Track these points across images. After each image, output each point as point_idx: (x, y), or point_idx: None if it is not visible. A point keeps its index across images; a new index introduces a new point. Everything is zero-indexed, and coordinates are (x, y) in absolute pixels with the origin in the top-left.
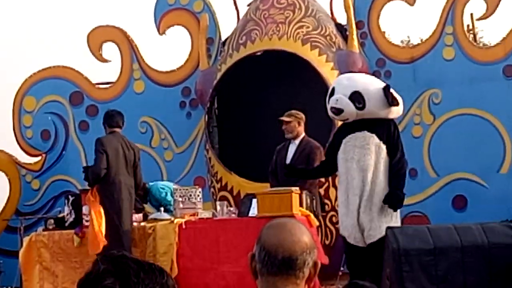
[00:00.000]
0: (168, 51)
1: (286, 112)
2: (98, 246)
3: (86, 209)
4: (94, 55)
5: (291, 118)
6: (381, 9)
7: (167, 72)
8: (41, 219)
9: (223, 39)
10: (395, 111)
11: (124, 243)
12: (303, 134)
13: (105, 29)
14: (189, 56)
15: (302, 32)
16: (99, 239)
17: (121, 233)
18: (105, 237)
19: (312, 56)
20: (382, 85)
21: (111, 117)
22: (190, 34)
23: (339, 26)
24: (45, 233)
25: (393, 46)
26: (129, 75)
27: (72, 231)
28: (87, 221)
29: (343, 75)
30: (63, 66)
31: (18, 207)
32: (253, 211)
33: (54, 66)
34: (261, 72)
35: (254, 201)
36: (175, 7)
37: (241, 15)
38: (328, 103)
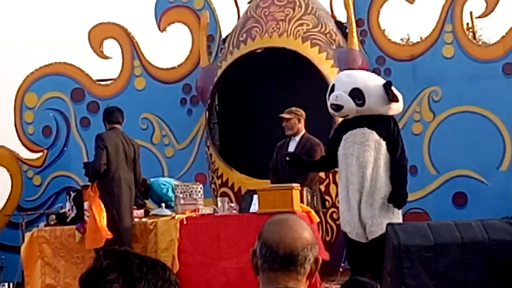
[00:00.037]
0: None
1: (286, 109)
2: (97, 240)
3: (87, 205)
4: (95, 52)
5: (291, 115)
6: (381, 7)
7: (168, 69)
8: (43, 214)
9: (223, 36)
10: (395, 107)
11: (124, 239)
12: (303, 131)
13: (106, 26)
14: (190, 53)
15: (302, 29)
16: (104, 234)
17: (120, 229)
18: None
19: (312, 53)
20: (382, 82)
21: (110, 114)
22: (191, 31)
23: (339, 24)
24: (46, 228)
25: (393, 43)
26: (130, 72)
27: (73, 226)
28: (88, 216)
29: (343, 72)
30: (64, 63)
31: (19, 202)
32: (254, 207)
33: (55, 63)
34: (261, 69)
35: (255, 197)
36: (175, 4)
37: (241, 13)
38: (328, 100)
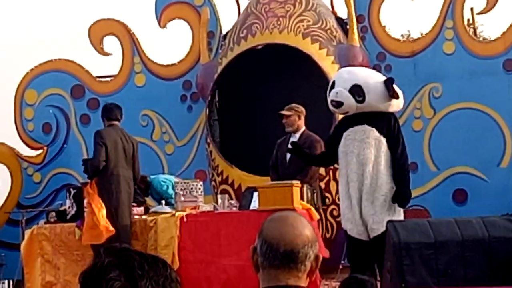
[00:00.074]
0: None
1: (286, 105)
2: (94, 236)
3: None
4: (95, 49)
5: (291, 112)
6: (381, 3)
7: (168, 65)
8: (43, 212)
9: (223, 32)
10: (395, 104)
11: (122, 236)
12: (303, 128)
13: (106, 22)
14: (190, 49)
15: (303, 26)
16: (105, 230)
17: (118, 226)
18: None
19: (312, 50)
20: (382, 78)
21: (109, 111)
22: (191, 28)
23: (339, 20)
24: (46, 226)
25: (394, 40)
26: (130, 68)
27: (73, 224)
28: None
29: (343, 69)
30: (64, 60)
31: (19, 200)
32: (254, 204)
33: (55, 60)
34: (261, 65)
35: (255, 194)
36: (176, 1)
37: (241, 9)
38: (329, 97)
